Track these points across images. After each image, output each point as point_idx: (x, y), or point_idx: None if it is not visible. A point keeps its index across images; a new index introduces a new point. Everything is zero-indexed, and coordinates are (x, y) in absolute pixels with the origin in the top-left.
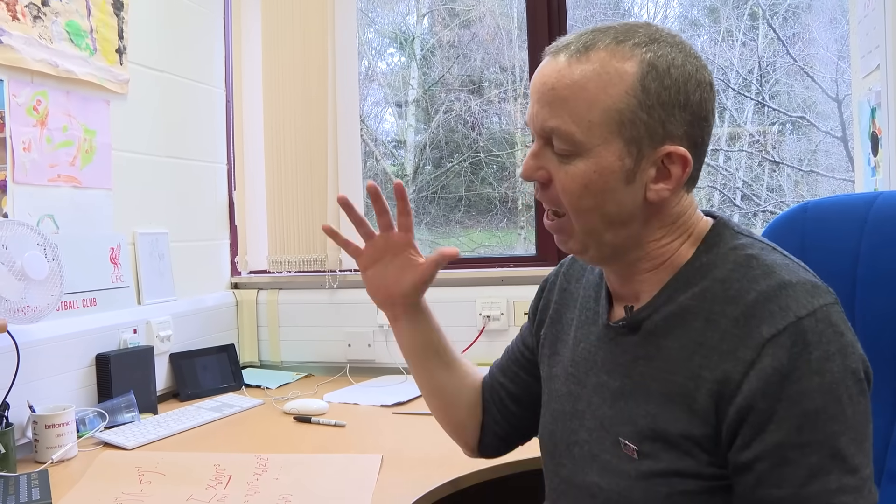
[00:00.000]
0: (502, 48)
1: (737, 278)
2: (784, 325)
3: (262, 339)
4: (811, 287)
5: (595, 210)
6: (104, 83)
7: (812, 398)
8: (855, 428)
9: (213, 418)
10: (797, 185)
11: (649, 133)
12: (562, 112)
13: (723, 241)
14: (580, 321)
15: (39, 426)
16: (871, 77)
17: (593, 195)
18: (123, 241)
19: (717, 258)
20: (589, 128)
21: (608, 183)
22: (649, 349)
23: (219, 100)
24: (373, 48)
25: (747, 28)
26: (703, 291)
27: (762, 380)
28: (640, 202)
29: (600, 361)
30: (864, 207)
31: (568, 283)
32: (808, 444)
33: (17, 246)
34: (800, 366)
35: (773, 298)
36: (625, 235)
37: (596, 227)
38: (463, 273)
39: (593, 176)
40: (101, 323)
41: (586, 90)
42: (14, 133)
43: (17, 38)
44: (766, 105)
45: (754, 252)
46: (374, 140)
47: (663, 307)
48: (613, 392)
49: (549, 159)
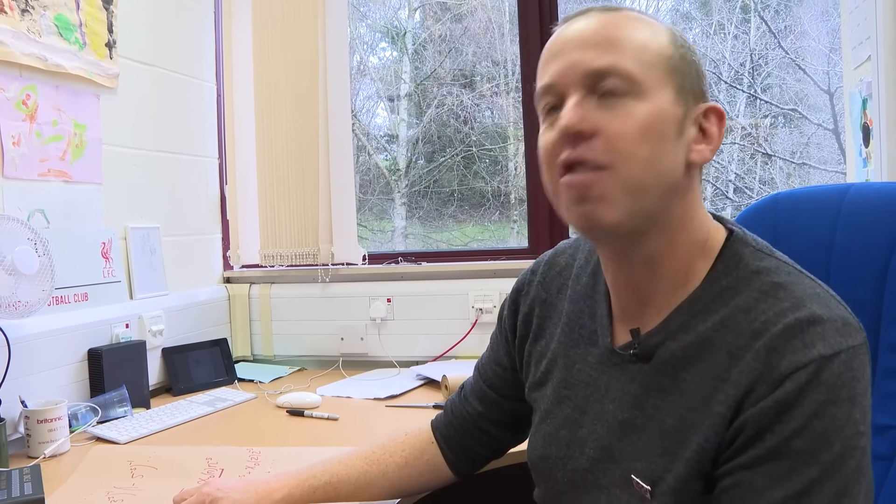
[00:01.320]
0: (494, 42)
1: (763, 309)
2: (805, 361)
3: (255, 334)
4: (842, 325)
5: (650, 161)
6: (94, 77)
7: (802, 438)
8: (843, 484)
9: (205, 412)
10: (789, 178)
11: (693, 88)
12: (614, 51)
13: (743, 262)
14: (571, 339)
15: (31, 421)
16: (862, 68)
17: (651, 141)
18: (115, 235)
19: (739, 283)
20: (645, 67)
21: (666, 129)
22: (664, 381)
23: (209, 94)
24: (364, 42)
25: (739, 21)
26: (724, 321)
27: (762, 408)
28: (682, 164)
29: (603, 388)
30: (837, 198)
31: (547, 294)
32: (776, 479)
33: (7, 241)
34: (803, 403)
35: (798, 334)
36: (667, 205)
37: (645, 182)
38: (456, 266)
39: (654, 118)
40: (93, 318)
41: (638, 31)
42: (3, 127)
43: (4, 31)
44: (758, 98)
45: (781, 280)
46: (366, 134)
47: (680, 335)
48: (622, 423)
49: (591, 109)
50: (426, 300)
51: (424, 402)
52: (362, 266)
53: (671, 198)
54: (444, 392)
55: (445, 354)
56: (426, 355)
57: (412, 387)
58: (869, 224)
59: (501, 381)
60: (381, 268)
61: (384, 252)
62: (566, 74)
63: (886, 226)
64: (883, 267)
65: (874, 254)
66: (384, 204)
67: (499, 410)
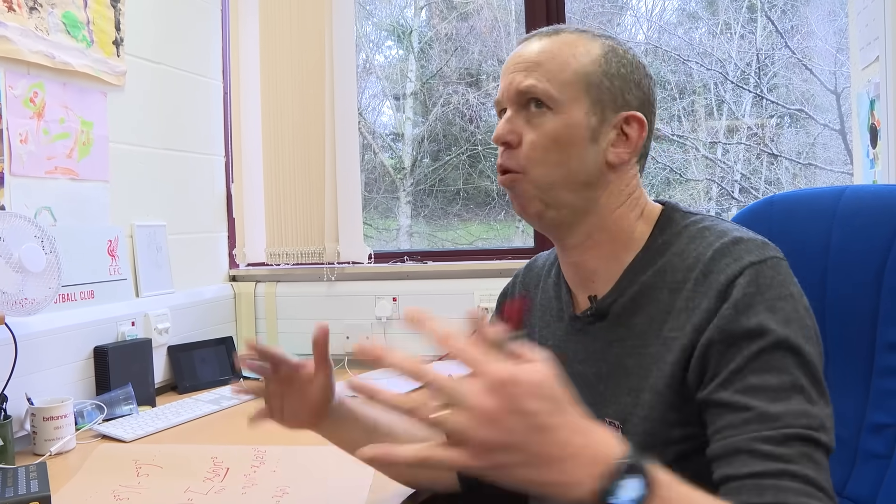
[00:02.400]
0: (500, 41)
1: (693, 247)
2: (739, 268)
3: (261, 332)
4: (762, 242)
5: (560, 165)
6: (101, 75)
7: (770, 329)
8: (811, 363)
9: (211, 411)
10: (795, 178)
11: (612, 98)
12: (537, 73)
13: (674, 221)
14: (543, 322)
15: (38, 418)
16: (870, 69)
17: (560, 149)
18: (121, 233)
19: (672, 237)
20: (561, 86)
21: (575, 137)
22: (619, 331)
23: (216, 92)
24: (370, 41)
25: (746, 20)
26: (662, 267)
27: (721, 317)
28: (600, 164)
29: (571, 353)
30: (833, 200)
31: (527, 291)
32: (768, 370)
33: (14, 238)
34: (755, 302)
35: (727, 252)
36: (584, 197)
37: (556, 182)
38: (461, 265)
39: (563, 130)
40: (99, 315)
41: (560, 55)
42: (11, 125)
43: (13, 29)
44: (764, 98)
45: (707, 224)
46: (371, 133)
47: (627, 290)
48: (591, 379)
49: (520, 123)
50: (432, 299)
51: None
52: (368, 265)
53: (589, 191)
54: None
55: None
56: (432, 355)
57: (417, 386)
58: (865, 225)
59: None
60: (386, 267)
61: (390, 251)
62: (505, 92)
63: (882, 227)
64: (879, 267)
65: (870, 254)
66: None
67: None
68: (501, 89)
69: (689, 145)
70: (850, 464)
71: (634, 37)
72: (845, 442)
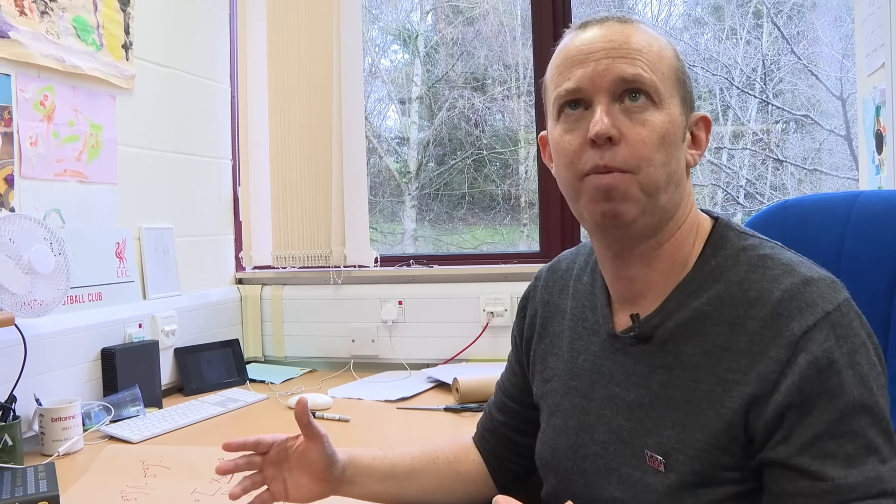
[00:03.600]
0: (506, 45)
1: (756, 279)
2: (814, 320)
3: (267, 335)
4: (831, 282)
5: (666, 165)
6: (110, 78)
7: (849, 390)
8: (884, 419)
9: (217, 413)
10: (801, 184)
11: (690, 97)
12: (641, 62)
13: (729, 242)
14: (575, 333)
15: (46, 419)
16: (875, 75)
17: (667, 147)
18: (129, 235)
19: (728, 260)
20: (663, 78)
21: (677, 136)
22: (666, 358)
23: (224, 96)
24: (376, 45)
25: (751, 26)
26: (719, 295)
27: (799, 375)
28: (684, 166)
29: (608, 372)
30: (846, 206)
31: (550, 296)
32: (844, 435)
33: (23, 240)
34: (836, 359)
35: (798, 295)
36: (674, 201)
37: (661, 184)
38: (466, 269)
39: (669, 127)
40: (107, 317)
41: (655, 45)
42: (21, 128)
43: (24, 33)
44: (769, 103)
45: (766, 252)
46: (377, 137)
47: (675, 314)
48: (630, 404)
49: (617, 116)
50: (437, 303)
51: (435, 404)
52: (374, 268)
53: (677, 195)
54: (455, 395)
55: (456, 357)
56: (437, 358)
57: (423, 389)
58: (879, 231)
59: (518, 390)
60: (392, 270)
61: (395, 255)
62: (595, 81)
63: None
64: (892, 273)
65: (884, 260)
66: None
67: (518, 419)
68: (586, 76)
69: None
70: None
71: None
72: None
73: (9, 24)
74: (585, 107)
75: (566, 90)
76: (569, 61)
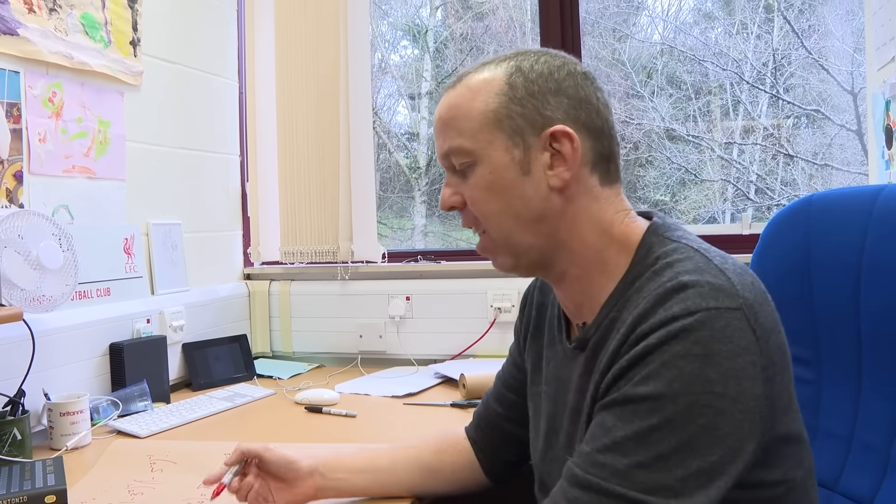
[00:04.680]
0: (515, 41)
1: (650, 287)
2: (661, 321)
3: (274, 330)
4: (709, 290)
5: (504, 211)
6: (118, 75)
7: (648, 384)
8: (686, 440)
9: (224, 408)
10: (811, 179)
11: (529, 122)
12: (447, 133)
13: (651, 250)
14: (549, 339)
15: (54, 414)
16: (885, 69)
17: (497, 195)
18: (137, 231)
19: (645, 269)
20: (472, 134)
21: (505, 178)
22: (589, 364)
23: (231, 91)
24: (386, 40)
25: (762, 20)
26: (625, 302)
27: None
28: (545, 193)
29: (566, 380)
30: (870, 200)
31: (543, 298)
32: (621, 419)
33: (32, 236)
34: (654, 355)
35: (663, 301)
36: (544, 234)
37: (511, 229)
38: (474, 265)
39: (490, 176)
40: (115, 312)
41: (462, 104)
42: (30, 124)
43: (33, 30)
44: (780, 98)
45: (672, 259)
46: (387, 132)
47: (602, 322)
48: (573, 410)
49: (458, 184)
50: (445, 299)
51: (442, 400)
52: (382, 264)
53: (544, 225)
54: (462, 391)
55: (463, 353)
56: (444, 354)
57: (430, 385)
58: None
59: (517, 382)
60: (400, 266)
61: (403, 250)
62: (439, 158)
63: None
64: None
65: None
66: (404, 202)
67: (516, 409)
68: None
69: (704, 146)
70: (882, 473)
71: (650, 37)
72: (877, 450)
73: (17, 21)
74: None
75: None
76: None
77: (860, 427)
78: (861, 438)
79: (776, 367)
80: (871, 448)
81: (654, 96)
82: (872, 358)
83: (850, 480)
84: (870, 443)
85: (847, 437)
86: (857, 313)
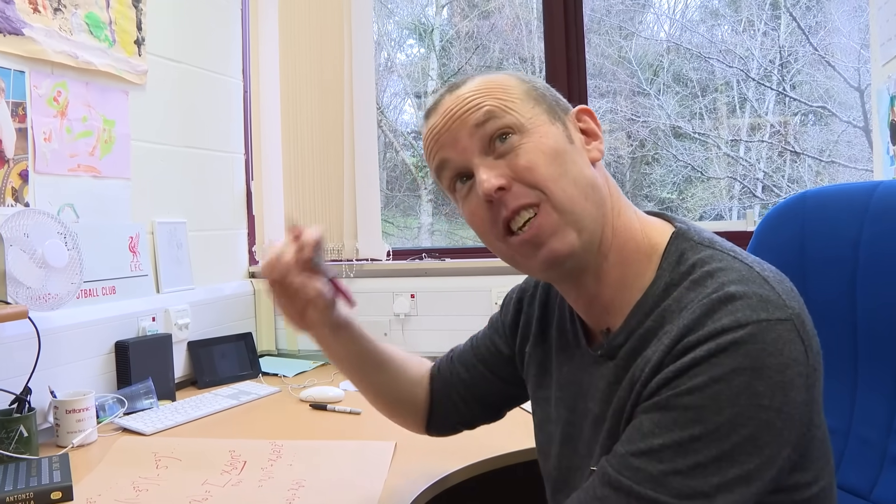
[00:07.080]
0: (521, 39)
1: (692, 297)
2: (709, 334)
3: (280, 328)
4: (757, 301)
5: (564, 175)
6: (123, 74)
7: (693, 395)
8: (727, 451)
9: (230, 405)
10: (818, 176)
11: (556, 103)
12: (489, 103)
13: (683, 257)
14: (560, 343)
15: (60, 411)
16: (890, 65)
17: (555, 159)
18: (142, 230)
19: (680, 277)
20: (516, 106)
21: (559, 144)
22: (620, 374)
23: (236, 90)
24: (392, 39)
25: (768, 17)
26: (662, 312)
27: (669, 370)
28: (589, 165)
29: (585, 387)
30: (866, 196)
31: (548, 298)
32: (659, 426)
33: (38, 234)
34: (702, 366)
35: (711, 313)
36: (598, 203)
37: (574, 194)
38: (478, 263)
39: (545, 140)
40: (121, 311)
41: (496, 85)
42: (35, 123)
43: (37, 30)
44: (787, 95)
45: (712, 268)
46: (393, 131)
47: (636, 331)
48: (596, 419)
49: (496, 164)
50: (449, 296)
51: None
52: (386, 262)
53: (597, 193)
54: None
55: None
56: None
57: None
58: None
59: (495, 360)
60: (404, 264)
61: (408, 248)
62: (458, 143)
63: None
64: None
65: None
66: (411, 200)
67: (481, 384)
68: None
69: (710, 143)
70: (878, 467)
71: (656, 34)
72: (874, 444)
73: (22, 21)
74: (469, 176)
75: (435, 167)
76: (429, 144)
77: (857, 422)
78: (858, 433)
79: (817, 373)
80: (867, 443)
81: (660, 94)
82: (868, 353)
83: (848, 475)
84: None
85: (844, 432)
86: (853, 309)
